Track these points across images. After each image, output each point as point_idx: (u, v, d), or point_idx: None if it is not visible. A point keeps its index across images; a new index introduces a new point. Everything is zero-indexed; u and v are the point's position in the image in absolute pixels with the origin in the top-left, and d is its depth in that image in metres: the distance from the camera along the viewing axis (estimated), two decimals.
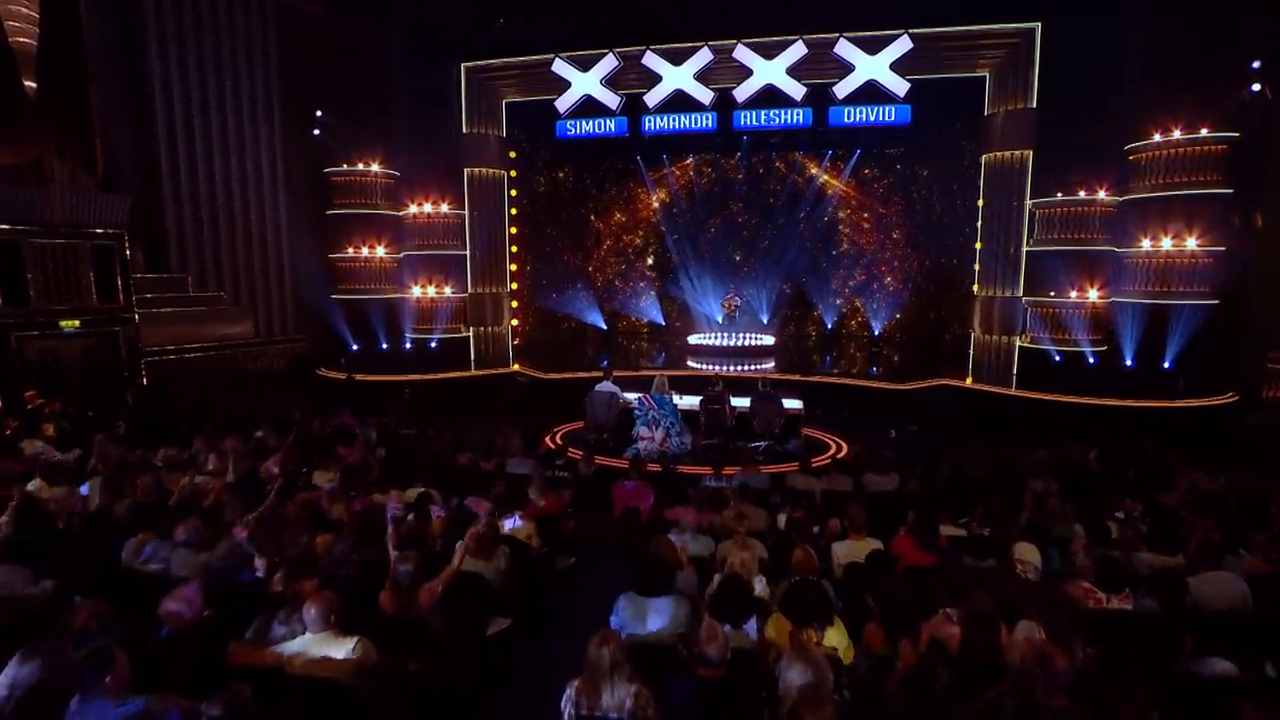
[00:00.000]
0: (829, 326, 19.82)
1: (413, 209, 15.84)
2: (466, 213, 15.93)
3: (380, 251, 16.20)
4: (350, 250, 16.08)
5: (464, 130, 15.68)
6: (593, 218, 20.89)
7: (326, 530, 5.32)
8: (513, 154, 16.76)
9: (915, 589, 3.98)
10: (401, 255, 16.28)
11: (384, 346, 16.29)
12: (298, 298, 17.14)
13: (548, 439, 11.07)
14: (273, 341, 16.10)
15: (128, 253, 12.89)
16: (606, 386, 10.87)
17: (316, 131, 15.96)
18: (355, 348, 16.38)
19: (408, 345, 16.21)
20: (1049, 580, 4.67)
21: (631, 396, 10.80)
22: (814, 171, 19.24)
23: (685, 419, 10.50)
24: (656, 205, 20.27)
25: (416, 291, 15.96)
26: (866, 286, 19.31)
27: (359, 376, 14.18)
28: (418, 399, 13.16)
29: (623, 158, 20.09)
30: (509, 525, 5.75)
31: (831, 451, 10.57)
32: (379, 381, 14.19)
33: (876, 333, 18.98)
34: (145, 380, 13.04)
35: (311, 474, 6.97)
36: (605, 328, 20.74)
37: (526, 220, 17.61)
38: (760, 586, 4.52)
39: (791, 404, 10.73)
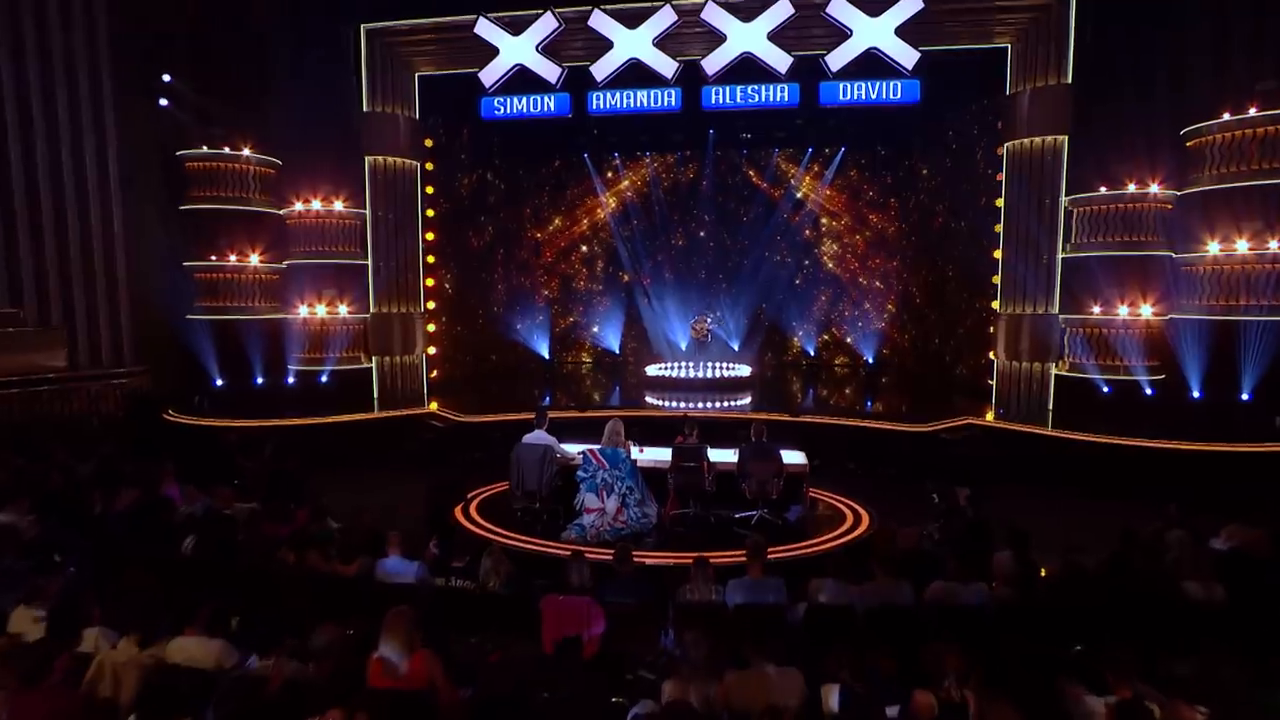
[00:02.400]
0: (813, 354, 18.36)
1: (298, 206, 13.36)
2: (369, 213, 13.59)
3: (255, 260, 13.55)
4: (214, 257, 13.37)
5: (364, 108, 13.23)
6: (530, 225, 19.14)
7: None
8: (429, 142, 14.55)
9: None
10: (284, 265, 13.78)
11: (259, 381, 13.50)
12: (140, 318, 14.15)
13: (458, 512, 8.51)
14: (99, 376, 13.10)
15: None
16: (538, 437, 8.46)
17: (164, 102, 13.21)
18: (220, 383, 13.53)
19: (290, 379, 13.48)
20: None
21: (574, 450, 8.38)
22: (794, 171, 18.01)
23: (648, 481, 8.14)
24: (608, 212, 18.79)
25: (303, 311, 13.44)
26: (858, 306, 17.98)
27: (217, 425, 11.38)
28: (299, 451, 10.53)
29: (567, 152, 18.59)
30: None
31: (848, 525, 8.25)
32: (246, 428, 11.38)
33: (871, 360, 17.54)
34: None
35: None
36: (547, 358, 18.85)
37: (447, 225, 15.46)
38: None
39: (792, 457, 8.45)
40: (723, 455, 8.47)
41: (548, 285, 19.37)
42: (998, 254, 12.71)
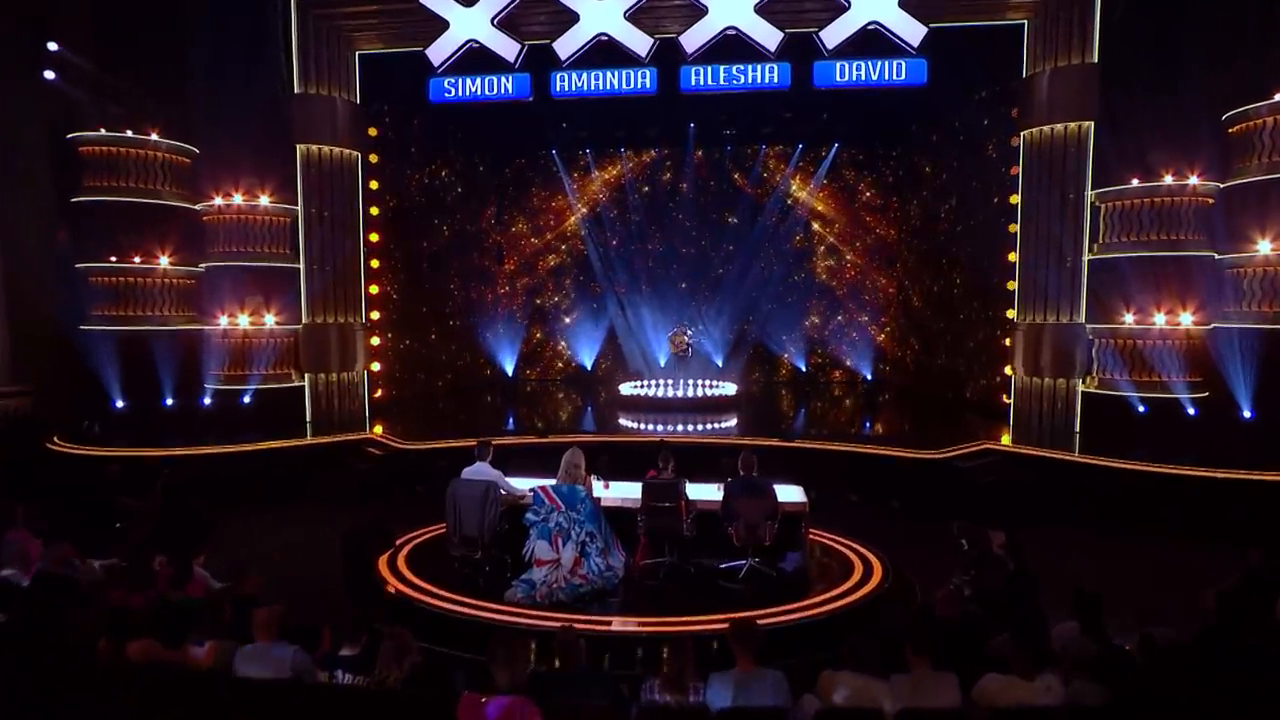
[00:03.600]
0: (805, 370, 17.66)
1: (218, 201, 12.20)
2: (300, 209, 12.47)
3: (165, 262, 12.26)
4: (115, 259, 12.02)
5: (295, 89, 12.11)
6: (492, 227, 18.30)
7: None
8: (373, 131, 13.45)
9: None
10: (202, 268, 12.52)
11: (169, 402, 12.16)
12: (22, 330, 12.68)
13: (383, 564, 7.21)
14: None
15: None
16: (479, 471, 7.26)
17: (51, 75, 11.87)
18: (121, 405, 12.14)
19: (207, 400, 12.20)
20: None
21: (523, 487, 7.16)
22: (782, 170, 17.46)
23: (615, 525, 6.96)
24: (579, 214, 18.07)
25: (223, 321, 12.23)
26: (854, 317, 17.41)
27: (111, 455, 10.00)
28: (211, 485, 9.41)
29: (534, 148, 17.88)
30: None
31: (857, 577, 7.04)
32: (142, 458, 10.00)
33: (869, 376, 16.93)
34: None
35: None
36: (510, 375, 17.90)
37: (395, 225, 14.37)
38: None
39: (788, 494, 7.30)
40: (705, 492, 7.29)
41: (511, 295, 18.47)
42: (1013, 257, 11.90)
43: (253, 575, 5.60)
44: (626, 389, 15.06)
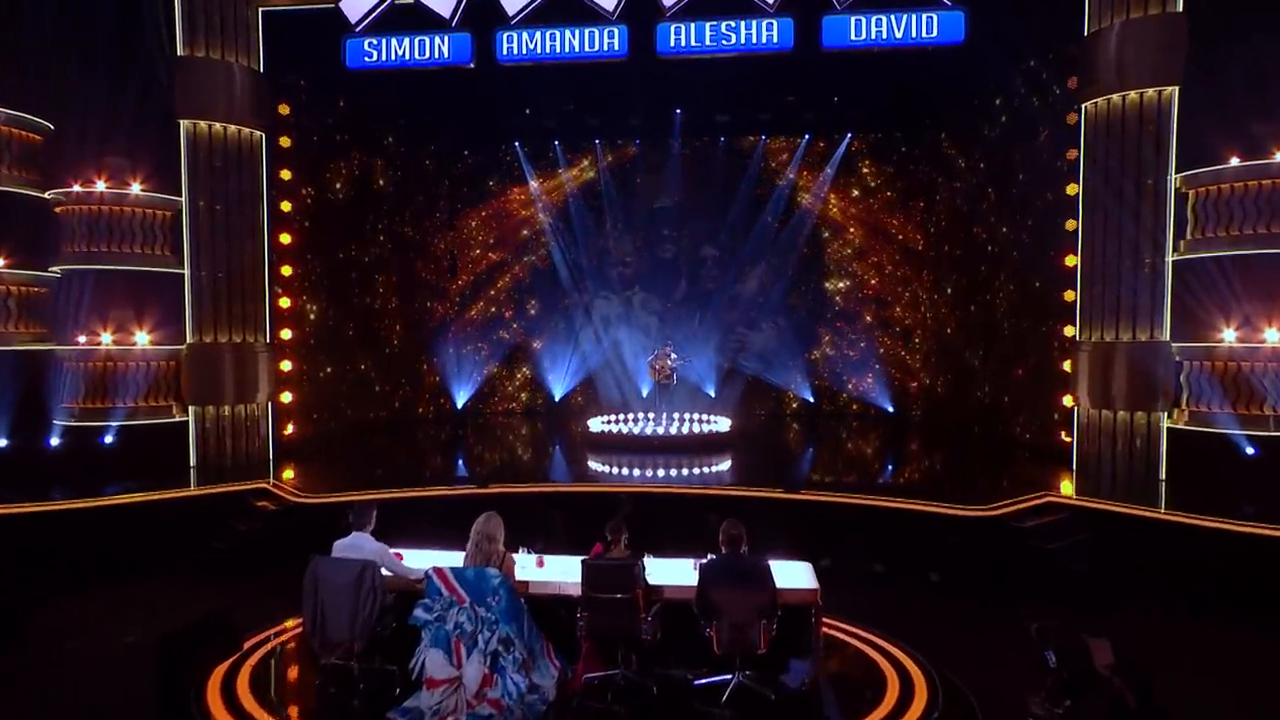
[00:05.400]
0: (813, 401, 16.76)
1: (76, 188, 10.83)
2: (185, 200, 11.15)
3: (0, 263, 10.72)
4: None
5: (179, 51, 10.85)
6: (439, 231, 17.22)
7: None
8: (284, 108, 12.21)
9: None
10: (54, 272, 11.13)
11: (2, 444, 10.60)
12: None
13: (214, 685, 5.58)
14: None
15: None
16: (355, 545, 5.77)
17: None
18: None
19: (55, 440, 10.79)
20: None
21: (415, 565, 5.62)
22: (785, 165, 16.71)
23: (548, 624, 5.55)
24: (546, 217, 17.18)
25: (82, 340, 10.87)
26: (873, 338, 16.62)
27: None
28: (43, 554, 8.20)
29: (491, 138, 17.01)
30: None
31: (892, 702, 5.41)
32: None
33: (891, 409, 16.12)
34: None
35: None
36: (459, 407, 16.79)
37: (315, 225, 13.08)
38: None
39: (792, 574, 5.85)
40: (679, 572, 5.81)
41: (462, 311, 17.30)
42: (1072, 260, 10.72)
43: None
44: (596, 424, 13.74)
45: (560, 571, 5.84)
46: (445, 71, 11.33)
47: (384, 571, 5.51)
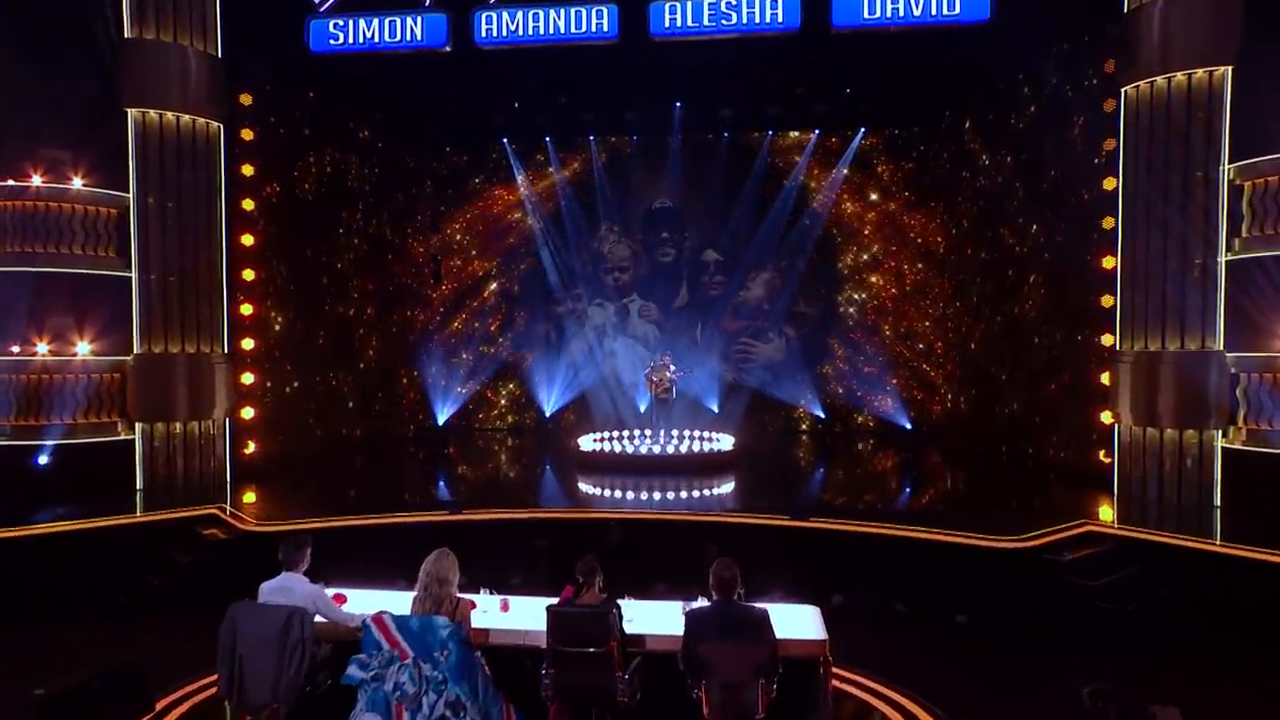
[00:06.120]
0: (824, 416, 16.55)
1: (10, 183, 10.41)
2: (133, 197, 10.71)
3: None
4: None
5: (126, 33, 10.45)
6: (420, 235, 17.07)
7: None
8: (246, 98, 11.76)
9: None
10: None
11: None
12: None
13: None
14: None
15: None
16: (284, 588, 5.17)
17: None
18: None
19: None
20: None
21: (355, 611, 5.11)
22: (794, 162, 16.60)
23: (509, 679, 4.94)
24: (536, 220, 17.18)
25: (16, 350, 10.44)
26: (889, 349, 16.49)
27: None
28: None
29: (477, 135, 16.93)
30: None
31: None
32: None
33: (909, 426, 15.95)
34: None
35: None
36: (439, 424, 16.63)
37: (281, 226, 12.65)
38: None
39: (796, 622, 5.27)
40: (665, 618, 5.20)
41: (445, 321, 17.17)
42: (1110, 261, 10.37)
43: None
44: (588, 443, 13.31)
45: (530, 617, 5.22)
46: (421, 57, 11.22)
47: (319, 618, 4.93)
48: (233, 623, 4.81)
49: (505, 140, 16.60)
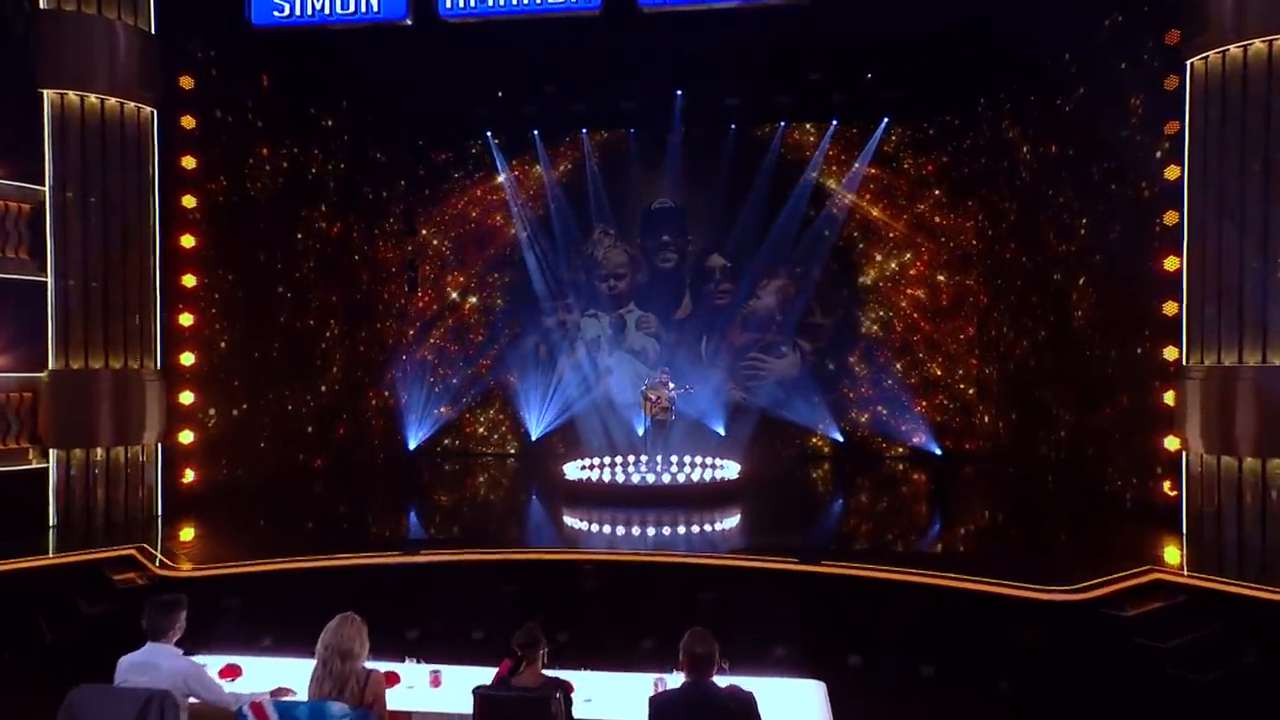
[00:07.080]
0: (842, 441, 16.38)
1: None
2: (49, 190, 10.28)
3: None
4: None
5: (42, 4, 10.07)
6: (392, 240, 16.87)
7: None
8: (187, 81, 11.33)
9: None
10: None
11: None
12: None
13: None
14: None
15: None
16: (147, 664, 4.61)
17: None
18: None
19: None
20: None
21: (244, 691, 4.72)
22: (809, 156, 16.46)
23: None
24: (521, 223, 17.16)
25: None
26: (917, 366, 16.44)
27: None
28: None
29: (454, 125, 16.99)
30: None
31: None
32: None
33: (939, 452, 15.70)
34: None
35: None
36: (410, 450, 16.46)
37: (228, 226, 12.27)
38: None
39: (795, 702, 4.84)
40: (631, 696, 4.61)
41: (420, 336, 17.06)
42: (1174, 262, 9.85)
43: None
44: (574, 470, 13.01)
45: (469, 694, 4.51)
46: (383, 34, 10.60)
47: (192, 699, 4.28)
48: (71, 711, 4.08)
49: (488, 134, 16.57)
